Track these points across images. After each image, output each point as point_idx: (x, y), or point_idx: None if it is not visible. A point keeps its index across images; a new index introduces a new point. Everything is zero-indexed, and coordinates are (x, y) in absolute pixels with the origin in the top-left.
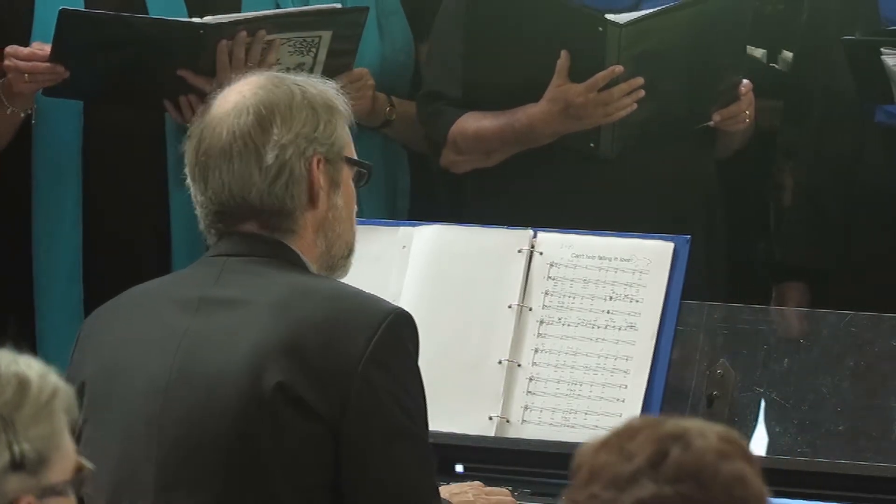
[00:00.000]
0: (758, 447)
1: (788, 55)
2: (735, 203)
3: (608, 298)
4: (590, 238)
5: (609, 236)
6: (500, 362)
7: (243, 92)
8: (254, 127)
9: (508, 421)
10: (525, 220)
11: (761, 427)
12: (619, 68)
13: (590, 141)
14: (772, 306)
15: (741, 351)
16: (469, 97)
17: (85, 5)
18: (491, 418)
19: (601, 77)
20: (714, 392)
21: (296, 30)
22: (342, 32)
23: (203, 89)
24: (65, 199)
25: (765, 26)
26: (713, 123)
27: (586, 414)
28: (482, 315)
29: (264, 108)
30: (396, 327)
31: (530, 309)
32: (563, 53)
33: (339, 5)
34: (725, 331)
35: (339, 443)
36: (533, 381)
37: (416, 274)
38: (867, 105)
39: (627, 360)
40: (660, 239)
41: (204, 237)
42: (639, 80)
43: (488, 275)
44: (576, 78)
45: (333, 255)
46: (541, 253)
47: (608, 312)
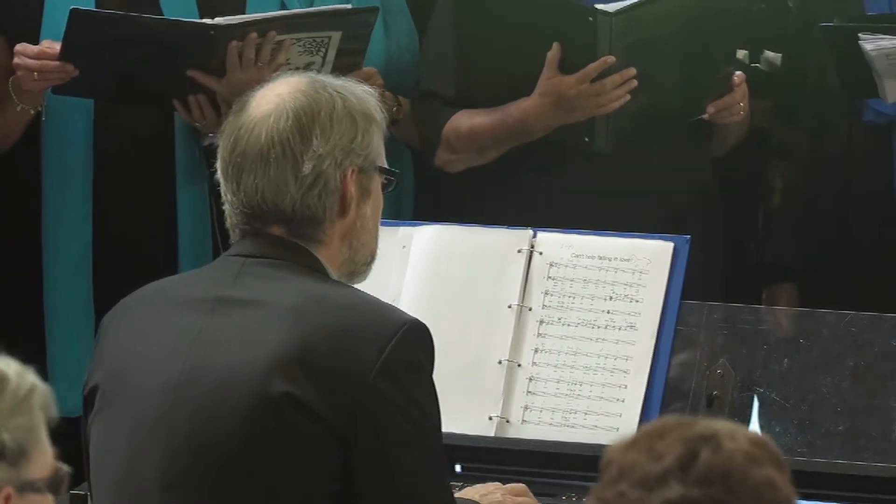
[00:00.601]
0: None
1: (770, 55)
2: (724, 203)
3: (608, 298)
4: (590, 238)
5: (609, 236)
6: (500, 362)
7: (283, 94)
8: (293, 134)
9: (508, 421)
10: (523, 220)
11: (761, 427)
12: (611, 58)
13: (584, 135)
14: (771, 307)
15: (741, 351)
16: (463, 95)
17: (95, 5)
18: (491, 418)
19: (593, 68)
20: (714, 392)
21: (306, 30)
22: (352, 32)
23: (213, 89)
24: (73, 196)
25: (747, 26)
26: (707, 116)
27: (586, 414)
28: (482, 315)
29: (305, 116)
30: (409, 339)
31: (530, 309)
32: (555, 45)
33: (350, 6)
34: (725, 331)
35: (348, 453)
36: (533, 381)
37: (416, 274)
38: (856, 104)
39: (627, 360)
40: (660, 239)
41: (216, 233)
42: (631, 71)
43: (488, 275)
44: (568, 70)
45: (356, 263)
46: (541, 253)
47: (608, 312)
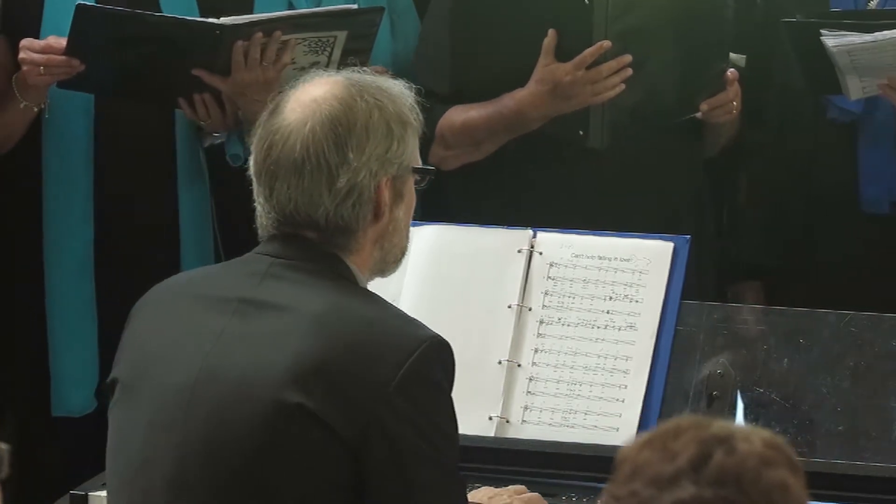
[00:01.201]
0: None
1: (734, 56)
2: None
3: (608, 298)
4: (590, 238)
5: (609, 236)
6: (500, 362)
7: (318, 100)
8: (329, 146)
9: (508, 421)
10: (520, 220)
11: (761, 427)
12: (607, 43)
13: (578, 129)
14: (771, 307)
15: (741, 351)
16: (458, 90)
17: (98, 1)
18: (491, 418)
19: (589, 53)
20: (714, 392)
21: (311, 30)
22: (357, 32)
23: (218, 88)
24: (75, 196)
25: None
26: (700, 115)
27: (586, 414)
28: (482, 315)
29: (340, 127)
30: (428, 356)
31: (530, 309)
32: (550, 32)
33: (356, 6)
34: (725, 331)
35: (361, 467)
36: (533, 381)
37: (416, 274)
38: (820, 102)
39: (627, 360)
40: (659, 239)
41: (217, 234)
42: (627, 58)
43: (488, 275)
44: (564, 59)
45: (387, 262)
46: (540, 253)
47: (608, 312)
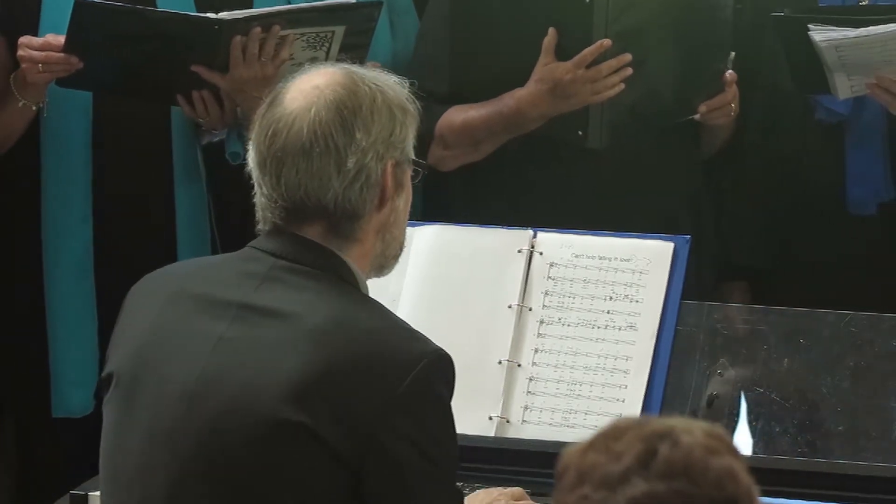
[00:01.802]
0: (758, 447)
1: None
2: None
3: (608, 298)
4: (590, 238)
5: (609, 236)
6: (500, 362)
7: (320, 87)
8: (336, 128)
9: (508, 421)
10: (521, 220)
11: (761, 427)
12: (607, 41)
13: (577, 129)
14: (771, 307)
15: (741, 351)
16: (457, 91)
17: None
18: (491, 418)
19: (589, 52)
20: (714, 392)
21: (310, 25)
22: (355, 27)
23: (217, 85)
24: (74, 195)
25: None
26: (699, 117)
27: (586, 414)
28: (482, 315)
29: (346, 109)
30: (430, 372)
31: (530, 309)
32: (551, 31)
33: (353, 0)
34: (725, 331)
35: (360, 484)
36: (533, 381)
37: (416, 274)
38: (808, 103)
39: (627, 360)
40: (660, 239)
41: (214, 232)
42: (626, 57)
43: (488, 275)
44: (563, 59)
45: (387, 256)
46: (541, 253)
47: (608, 312)
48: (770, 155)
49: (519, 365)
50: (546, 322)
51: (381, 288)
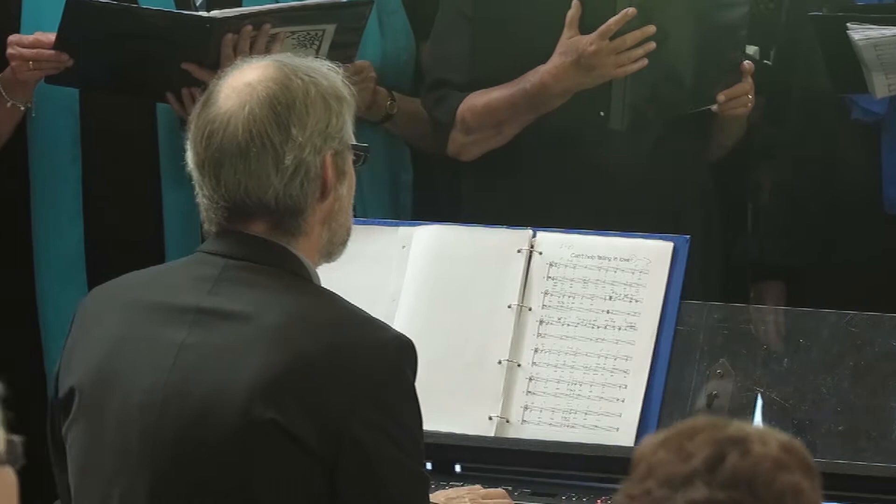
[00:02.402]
0: None
1: (752, 49)
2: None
3: (608, 298)
4: (589, 238)
5: (609, 236)
6: (500, 362)
7: (253, 84)
8: (271, 126)
9: (508, 421)
10: (521, 219)
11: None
12: (632, 10)
13: (599, 109)
14: (771, 307)
15: (741, 351)
16: (477, 79)
17: None
18: (491, 418)
19: (614, 22)
20: (714, 392)
21: (301, 23)
22: (346, 25)
23: (207, 83)
24: (63, 196)
25: (757, 21)
26: (715, 108)
27: (586, 414)
28: (482, 315)
29: (280, 105)
30: (394, 359)
31: (530, 309)
32: (574, 3)
33: None
34: (725, 331)
35: (334, 477)
36: (533, 381)
37: (416, 274)
38: (844, 103)
39: (627, 360)
40: (659, 238)
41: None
42: (651, 28)
43: (488, 275)
44: (588, 32)
45: (334, 244)
46: (540, 253)
47: (608, 312)
48: (806, 155)
49: (519, 365)
50: (546, 322)
51: (382, 288)
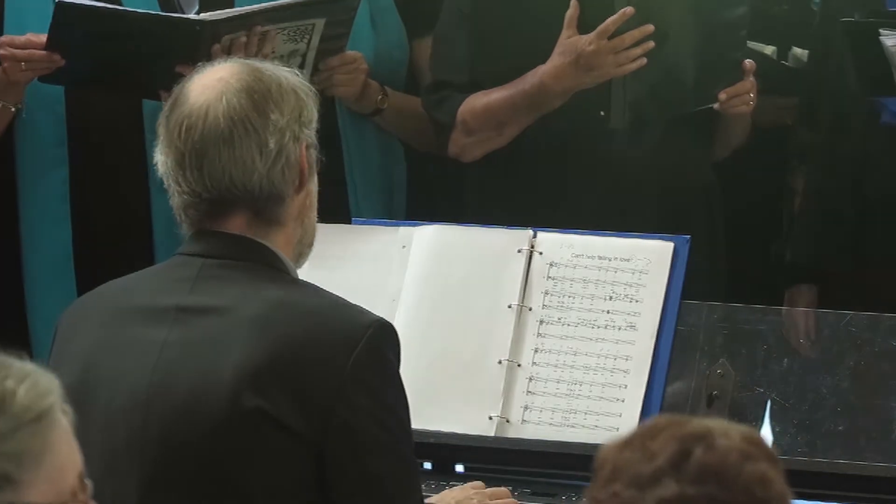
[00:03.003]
0: None
1: (798, 52)
2: (745, 204)
3: (608, 298)
4: (590, 238)
5: (609, 236)
6: (500, 362)
7: (225, 78)
8: (250, 111)
9: (508, 421)
10: (522, 219)
11: (761, 427)
12: (630, 9)
13: (600, 108)
14: (771, 307)
15: (741, 351)
16: (477, 80)
17: None
18: (491, 418)
19: (612, 21)
20: (714, 392)
21: (291, 20)
22: (335, 18)
23: None
24: (50, 197)
25: (773, 23)
26: (717, 106)
27: (586, 414)
28: (482, 315)
29: (256, 93)
30: (376, 342)
31: (530, 309)
32: (573, 3)
33: None
34: (725, 331)
35: (322, 462)
36: (533, 381)
37: (416, 274)
38: (875, 106)
39: (627, 360)
40: (660, 239)
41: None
42: (649, 27)
43: (488, 275)
44: (587, 32)
45: (303, 244)
46: (540, 253)
47: (608, 312)
48: (836, 158)
49: (519, 365)
50: (546, 322)
51: (381, 288)
